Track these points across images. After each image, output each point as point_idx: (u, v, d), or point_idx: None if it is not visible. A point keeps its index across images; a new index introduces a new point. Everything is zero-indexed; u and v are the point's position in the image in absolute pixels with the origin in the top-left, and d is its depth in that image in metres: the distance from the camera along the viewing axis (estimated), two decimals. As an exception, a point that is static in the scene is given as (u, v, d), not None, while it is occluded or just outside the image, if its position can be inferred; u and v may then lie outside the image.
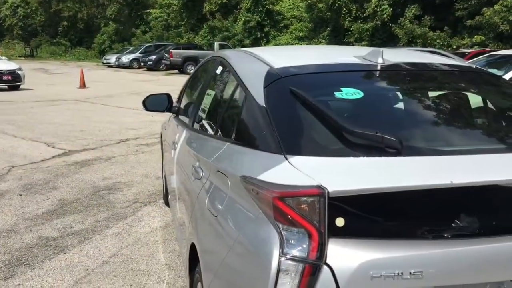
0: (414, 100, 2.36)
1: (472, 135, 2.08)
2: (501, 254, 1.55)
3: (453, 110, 2.34)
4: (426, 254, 1.52)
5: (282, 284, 1.52)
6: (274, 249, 1.54)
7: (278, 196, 1.57)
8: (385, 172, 1.62)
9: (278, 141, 1.82)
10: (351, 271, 1.49)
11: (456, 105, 2.37)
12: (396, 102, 2.36)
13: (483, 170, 1.63)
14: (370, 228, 1.55)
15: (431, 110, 2.25)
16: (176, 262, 3.61)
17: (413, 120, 2.16)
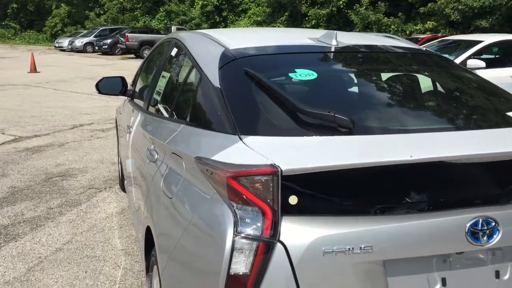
0: (366, 81, 2.41)
1: (421, 115, 2.14)
2: (447, 228, 1.61)
3: (404, 91, 2.40)
4: (376, 230, 1.56)
5: (236, 263, 1.53)
6: (228, 228, 1.55)
7: (232, 175, 1.57)
8: (337, 150, 1.65)
9: (232, 122, 1.82)
10: (303, 247, 1.52)
11: (407, 86, 2.43)
12: (349, 83, 2.40)
13: (432, 147, 1.68)
14: (322, 206, 1.58)
15: (383, 91, 2.30)
16: (132, 247, 3.57)
17: (365, 101, 2.21)
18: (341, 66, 2.44)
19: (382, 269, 1.59)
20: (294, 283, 1.52)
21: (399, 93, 2.34)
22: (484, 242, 1.63)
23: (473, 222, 1.62)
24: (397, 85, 2.41)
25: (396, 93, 2.33)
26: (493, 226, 1.63)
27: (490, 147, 1.68)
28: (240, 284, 1.53)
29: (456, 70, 2.58)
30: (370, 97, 2.22)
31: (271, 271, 1.52)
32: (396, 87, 2.39)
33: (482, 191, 1.70)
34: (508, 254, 1.72)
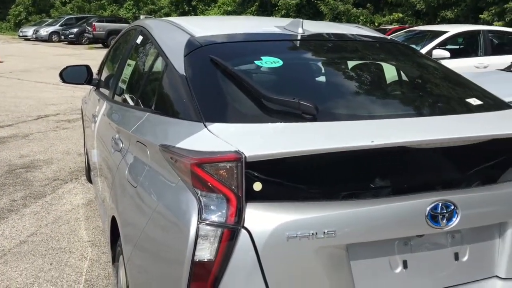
0: (331, 69, 2.43)
1: (385, 102, 2.18)
2: (408, 212, 1.65)
3: (369, 79, 2.43)
4: (339, 214, 1.58)
5: (201, 250, 1.53)
6: (193, 215, 1.54)
7: (196, 162, 1.57)
8: (301, 136, 1.66)
9: (197, 109, 1.81)
10: (268, 233, 1.53)
11: (371, 74, 2.46)
12: (314, 71, 2.41)
13: (393, 133, 1.71)
14: (286, 191, 1.59)
15: (348, 78, 2.32)
16: (99, 238, 3.52)
17: (329, 88, 2.23)
18: (307, 53, 2.45)
19: (345, 253, 1.61)
20: (259, 268, 1.53)
21: (364, 81, 2.37)
22: (444, 225, 1.67)
23: (433, 205, 1.66)
24: (362, 73, 2.44)
25: (361, 81, 2.36)
26: (452, 210, 1.68)
27: (449, 133, 1.72)
28: (204, 270, 1.53)
29: (419, 59, 2.63)
30: (334, 84, 2.24)
31: (235, 257, 1.52)
32: (361, 75, 2.42)
33: (442, 176, 1.75)
34: (467, 236, 1.78)
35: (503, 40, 9.12)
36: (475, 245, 1.79)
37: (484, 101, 2.13)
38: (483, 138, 1.71)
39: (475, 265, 1.79)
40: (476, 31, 8.64)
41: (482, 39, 8.47)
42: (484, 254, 1.81)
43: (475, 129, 1.81)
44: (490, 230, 1.81)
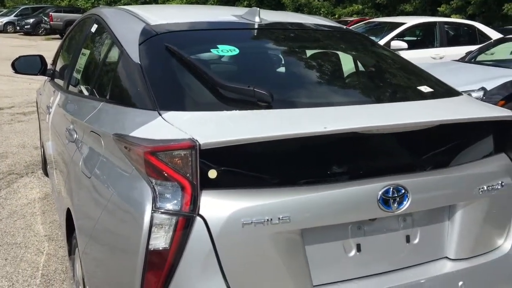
0: (287, 57, 2.45)
1: (339, 89, 2.21)
2: (361, 197, 1.68)
3: (324, 67, 2.46)
4: (293, 200, 1.60)
5: (155, 238, 1.52)
6: (147, 204, 1.53)
7: (149, 151, 1.55)
8: (256, 124, 1.67)
9: (152, 98, 1.79)
10: (223, 220, 1.53)
11: (327, 63, 2.49)
12: (270, 59, 2.42)
13: (346, 119, 1.74)
14: (241, 178, 1.59)
15: (303, 67, 2.35)
16: (56, 232, 3.45)
17: (285, 76, 2.25)
18: (263, 42, 2.46)
19: (300, 238, 1.64)
20: (214, 255, 1.53)
21: (320, 70, 2.40)
22: (395, 208, 1.72)
23: (384, 190, 1.70)
24: (318, 62, 2.46)
25: (317, 69, 2.38)
26: (403, 193, 1.72)
27: (400, 119, 1.77)
28: (159, 259, 1.52)
29: (375, 49, 2.68)
30: (290, 72, 2.26)
31: (191, 245, 1.52)
32: (317, 63, 2.44)
33: (393, 161, 1.79)
34: (418, 219, 1.83)
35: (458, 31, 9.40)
36: (425, 227, 1.85)
37: (435, 88, 2.19)
38: (432, 124, 1.76)
39: (426, 247, 1.85)
40: (433, 23, 8.87)
41: (438, 30, 8.70)
42: (434, 236, 1.87)
43: (425, 115, 1.86)
44: (440, 213, 1.87)
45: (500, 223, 1.97)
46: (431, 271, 1.82)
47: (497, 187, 1.92)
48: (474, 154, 1.95)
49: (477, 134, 1.98)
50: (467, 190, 1.87)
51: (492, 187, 1.90)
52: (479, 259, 1.90)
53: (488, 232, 1.94)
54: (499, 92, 5.80)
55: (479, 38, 8.86)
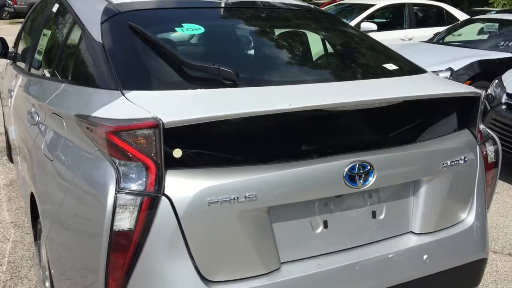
0: (254, 36, 2.42)
1: (306, 68, 2.21)
2: (327, 174, 1.69)
3: (292, 46, 2.44)
4: (259, 178, 1.59)
5: (120, 219, 1.49)
6: (110, 185, 1.50)
7: (112, 131, 1.51)
8: (221, 102, 1.65)
9: (114, 77, 1.75)
10: (188, 199, 1.52)
11: (294, 42, 2.47)
12: (237, 38, 2.40)
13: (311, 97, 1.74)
14: (206, 157, 1.58)
15: (270, 45, 2.33)
16: (23, 219, 3.37)
17: (251, 55, 2.23)
18: (229, 21, 2.43)
19: (267, 216, 1.64)
20: (181, 235, 1.52)
21: (287, 48, 2.38)
22: (361, 184, 1.73)
23: (350, 166, 1.71)
24: (286, 41, 2.45)
25: (284, 48, 2.37)
26: (368, 170, 1.74)
27: (364, 95, 1.77)
28: (125, 240, 1.50)
29: (342, 28, 2.67)
30: (256, 51, 2.24)
31: (156, 225, 1.50)
32: (284, 42, 2.43)
33: (359, 137, 1.80)
34: (383, 195, 1.85)
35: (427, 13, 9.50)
36: (391, 203, 1.87)
37: (400, 66, 2.21)
38: (397, 100, 1.77)
39: (391, 222, 1.88)
40: (402, 5, 8.93)
41: (407, 12, 8.78)
42: (399, 212, 1.90)
43: (389, 91, 1.87)
44: (405, 188, 1.90)
45: (463, 198, 2.01)
46: (397, 245, 1.85)
47: (460, 162, 1.95)
48: (438, 131, 1.97)
49: (441, 110, 2.01)
50: (431, 165, 1.89)
51: (455, 163, 1.94)
52: (443, 233, 1.94)
53: (452, 206, 1.98)
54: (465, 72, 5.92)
55: (447, 19, 8.99)
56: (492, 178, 2.17)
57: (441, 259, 1.92)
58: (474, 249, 2.02)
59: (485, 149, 2.09)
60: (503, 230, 3.57)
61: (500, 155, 2.17)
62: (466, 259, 1.99)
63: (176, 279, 1.53)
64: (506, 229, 3.58)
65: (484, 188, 2.08)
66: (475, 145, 2.03)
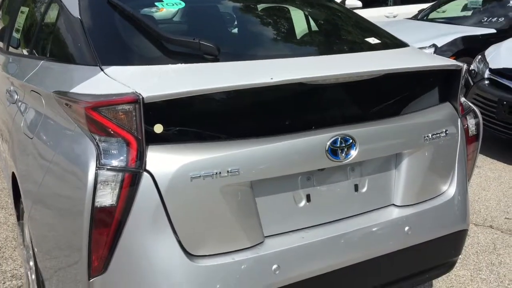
0: (236, 11, 2.40)
1: (288, 42, 2.19)
2: (309, 147, 1.69)
3: (274, 21, 2.42)
4: (242, 153, 1.59)
5: (102, 196, 1.48)
6: (91, 161, 1.48)
7: (91, 106, 1.49)
8: (201, 76, 1.63)
9: (93, 53, 1.72)
10: (170, 175, 1.51)
11: (277, 17, 2.45)
12: (218, 13, 2.36)
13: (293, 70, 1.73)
14: (188, 132, 1.57)
15: (252, 20, 2.31)
16: (6, 200, 3.34)
17: (232, 29, 2.20)
18: (211, -5, 2.39)
19: (250, 190, 1.64)
20: (163, 210, 1.51)
21: (269, 23, 2.36)
22: (343, 158, 1.74)
23: (332, 140, 1.71)
24: (268, 16, 2.42)
25: (266, 23, 2.35)
26: (350, 143, 1.74)
27: (346, 68, 1.77)
28: (107, 216, 1.49)
29: (326, 2, 2.65)
30: (238, 26, 2.22)
31: (138, 201, 1.50)
32: (266, 17, 2.40)
33: (341, 111, 1.80)
34: (365, 168, 1.87)
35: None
36: (373, 176, 1.89)
37: (382, 40, 2.20)
38: (378, 73, 1.77)
39: (373, 195, 1.89)
40: (387, -19, 8.88)
41: (392, -12, 8.74)
42: (382, 185, 1.91)
43: (371, 65, 1.86)
44: (387, 162, 1.91)
45: (445, 170, 2.04)
46: (379, 218, 1.87)
47: (441, 135, 1.97)
48: (419, 104, 1.98)
49: (422, 84, 2.01)
50: (413, 138, 1.91)
51: (437, 135, 1.95)
52: (424, 205, 1.96)
53: (433, 178, 2.00)
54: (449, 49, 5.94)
55: (431, -4, 8.97)
56: (473, 151, 2.20)
57: (423, 230, 1.95)
58: (455, 221, 2.05)
59: (466, 122, 2.11)
60: (485, 203, 3.64)
61: (481, 128, 2.20)
62: (447, 230, 2.02)
63: (160, 254, 1.53)
64: (487, 202, 3.64)
65: (465, 161, 2.10)
66: (456, 118, 2.05)
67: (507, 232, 3.22)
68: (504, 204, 3.63)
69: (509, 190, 3.87)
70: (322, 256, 1.75)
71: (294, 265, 1.70)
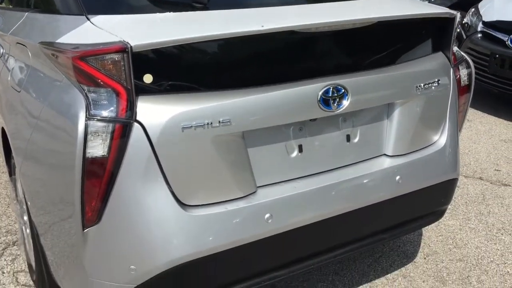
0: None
1: None
2: (301, 97, 1.67)
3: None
4: (233, 103, 1.57)
5: (93, 147, 1.47)
6: (80, 112, 1.46)
7: (78, 56, 1.46)
8: (191, 25, 1.60)
9: (79, 2, 1.67)
10: (161, 125, 1.50)
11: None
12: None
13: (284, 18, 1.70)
14: (178, 82, 1.54)
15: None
16: (-2, 158, 3.33)
17: None
18: None
19: (242, 141, 1.64)
20: (155, 161, 1.51)
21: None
22: (335, 108, 1.73)
23: (324, 90, 1.70)
24: None
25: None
26: (342, 93, 1.73)
27: (339, 16, 1.73)
28: (98, 167, 1.48)
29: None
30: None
31: (130, 151, 1.49)
32: None
33: (333, 60, 1.78)
34: (357, 119, 1.86)
35: None
36: (365, 126, 1.89)
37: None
38: (371, 21, 1.74)
39: (365, 145, 1.90)
40: None
41: None
42: (373, 135, 1.92)
43: (364, 12, 1.83)
44: (379, 112, 1.91)
45: (436, 120, 2.04)
46: (370, 168, 1.89)
47: (433, 85, 1.96)
48: (412, 53, 1.96)
49: (415, 33, 1.99)
50: (405, 88, 1.90)
51: (429, 85, 1.95)
52: (415, 155, 1.98)
53: (425, 128, 2.01)
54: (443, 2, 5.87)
55: None
56: (464, 103, 2.20)
57: (413, 179, 1.97)
58: (445, 170, 2.08)
59: (458, 73, 2.10)
60: (475, 155, 3.68)
61: (473, 79, 2.19)
62: (437, 179, 2.05)
63: (153, 204, 1.53)
64: (477, 155, 3.68)
65: (456, 111, 2.10)
66: (448, 68, 2.04)
67: (496, 183, 3.27)
68: (494, 156, 3.67)
69: (499, 143, 3.91)
70: (314, 205, 1.77)
71: (287, 214, 1.72)
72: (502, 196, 3.10)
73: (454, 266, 2.44)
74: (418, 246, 2.58)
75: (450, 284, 2.31)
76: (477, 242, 2.64)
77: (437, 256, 2.51)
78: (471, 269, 2.42)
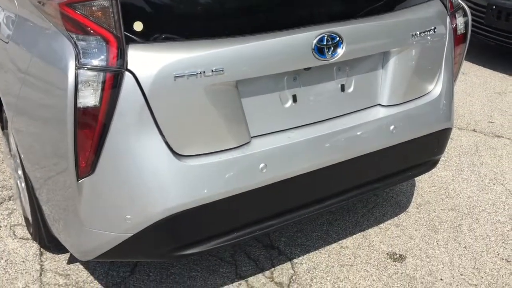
0: None
1: None
2: (295, 45, 1.64)
3: None
4: (226, 51, 1.55)
5: (84, 97, 1.45)
6: (70, 61, 1.43)
7: (66, 2, 1.42)
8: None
9: None
10: (153, 74, 1.47)
11: None
12: None
13: None
14: (169, 30, 1.51)
15: None
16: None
17: None
18: None
19: (235, 90, 1.62)
20: (148, 110, 1.49)
21: None
22: (329, 56, 1.70)
23: (318, 38, 1.67)
24: None
25: None
26: (337, 41, 1.70)
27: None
28: (90, 118, 1.46)
29: None
30: None
31: (122, 101, 1.47)
32: None
33: (327, 8, 1.74)
34: (352, 68, 1.84)
35: None
36: (360, 76, 1.87)
37: None
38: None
39: (360, 95, 1.89)
40: None
41: None
42: (368, 85, 1.90)
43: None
44: (374, 61, 1.89)
45: (431, 69, 2.02)
46: (365, 117, 1.88)
47: (429, 33, 1.93)
48: (408, 1, 1.92)
49: (412, -21, 1.94)
50: (400, 36, 1.87)
51: (425, 33, 1.92)
52: (410, 104, 1.97)
53: (419, 78, 1.99)
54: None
55: None
56: (460, 54, 2.17)
57: (408, 129, 1.97)
58: (439, 119, 2.07)
59: (455, 21, 2.06)
60: (469, 108, 3.68)
61: (470, 28, 2.16)
62: (431, 129, 2.05)
63: (147, 154, 1.53)
64: (471, 107, 3.69)
65: (452, 60, 2.08)
66: (445, 15, 2.00)
67: (489, 134, 3.29)
68: (488, 108, 3.67)
69: (494, 95, 3.90)
70: (309, 155, 1.77)
71: (281, 164, 1.72)
72: (495, 147, 3.12)
73: (446, 215, 2.48)
74: (410, 197, 2.61)
75: (442, 232, 2.36)
76: (469, 192, 2.68)
77: (429, 206, 2.55)
78: (463, 218, 2.47)
